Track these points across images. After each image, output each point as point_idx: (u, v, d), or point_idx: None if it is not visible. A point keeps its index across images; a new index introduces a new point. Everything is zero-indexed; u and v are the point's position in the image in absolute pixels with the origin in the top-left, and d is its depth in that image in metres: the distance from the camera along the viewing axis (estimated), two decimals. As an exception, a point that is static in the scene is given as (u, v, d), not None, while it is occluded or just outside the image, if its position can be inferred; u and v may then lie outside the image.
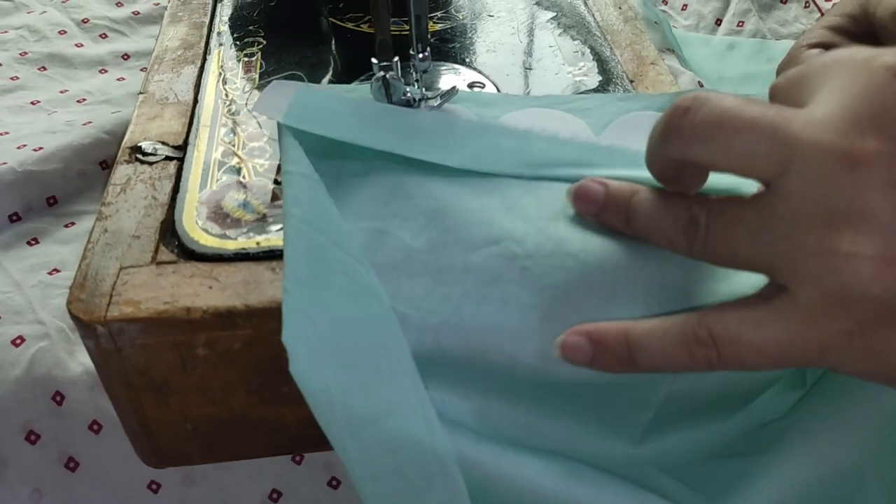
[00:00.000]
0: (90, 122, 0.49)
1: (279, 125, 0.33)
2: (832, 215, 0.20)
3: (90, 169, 0.48)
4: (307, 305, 0.26)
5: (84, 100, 0.54)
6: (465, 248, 0.29)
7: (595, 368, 0.26)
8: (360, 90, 0.38)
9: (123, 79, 0.57)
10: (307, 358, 0.26)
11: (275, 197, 0.34)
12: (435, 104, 0.37)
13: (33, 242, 0.44)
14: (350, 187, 0.32)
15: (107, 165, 0.48)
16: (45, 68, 0.57)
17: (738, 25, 0.63)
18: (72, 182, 0.47)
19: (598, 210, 0.29)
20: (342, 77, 0.41)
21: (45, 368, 0.37)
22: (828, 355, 0.22)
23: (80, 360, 0.37)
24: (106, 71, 0.58)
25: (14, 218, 0.45)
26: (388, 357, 0.27)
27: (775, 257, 0.22)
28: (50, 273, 0.42)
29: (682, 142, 0.24)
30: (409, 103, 0.37)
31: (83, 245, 0.45)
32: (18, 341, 0.38)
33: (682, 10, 0.67)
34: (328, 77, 0.42)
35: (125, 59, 0.59)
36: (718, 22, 0.64)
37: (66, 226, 0.45)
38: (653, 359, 0.24)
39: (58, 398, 0.37)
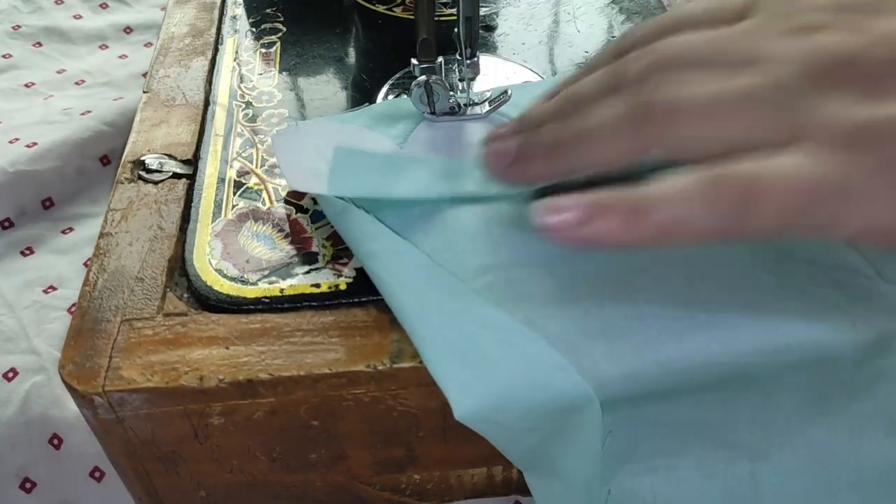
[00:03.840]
0: (89, 112, 0.44)
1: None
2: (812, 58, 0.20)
3: (90, 165, 0.43)
4: (476, 402, 0.22)
5: (83, 81, 0.49)
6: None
7: (591, 230, 0.21)
8: (395, 104, 0.33)
9: (126, 56, 0.52)
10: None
11: (298, 229, 0.29)
12: (483, 111, 0.33)
13: (28, 252, 0.39)
14: (435, 243, 0.27)
15: (108, 161, 0.44)
16: (40, 44, 0.52)
17: None
18: (70, 181, 0.42)
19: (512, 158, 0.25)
20: (374, 73, 0.36)
21: (41, 408, 0.33)
22: (851, 197, 0.19)
23: (79, 398, 0.33)
24: (107, 47, 0.52)
25: (6, 224, 0.40)
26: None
27: (775, 113, 0.20)
28: (45, 291, 0.37)
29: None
30: (453, 111, 0.32)
31: (81, 256, 0.41)
32: (11, 374, 0.34)
33: None
34: (357, 73, 0.37)
35: (127, 34, 0.53)
36: None
37: (64, 231, 0.41)
38: (669, 203, 0.20)
39: (55, 441, 0.33)
